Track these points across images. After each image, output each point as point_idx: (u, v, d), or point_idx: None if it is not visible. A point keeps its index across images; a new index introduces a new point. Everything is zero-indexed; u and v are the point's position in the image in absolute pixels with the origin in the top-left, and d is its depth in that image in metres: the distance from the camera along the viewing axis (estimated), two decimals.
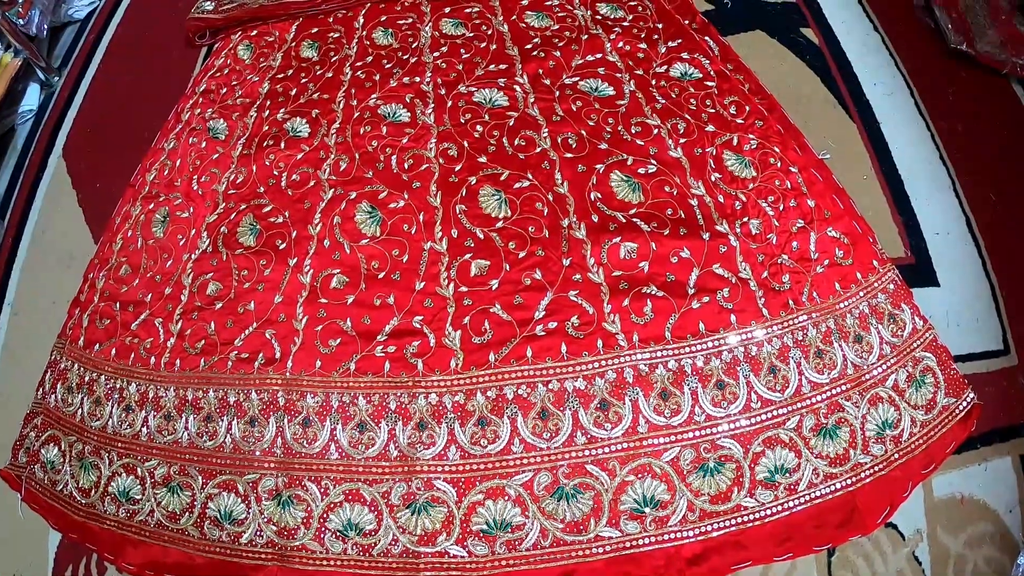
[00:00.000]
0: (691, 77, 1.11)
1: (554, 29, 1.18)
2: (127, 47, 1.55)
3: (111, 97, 1.45)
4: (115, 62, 1.52)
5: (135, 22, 1.60)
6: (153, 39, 1.53)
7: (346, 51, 1.21)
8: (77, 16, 1.65)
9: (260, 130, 1.14)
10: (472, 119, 1.07)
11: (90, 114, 1.43)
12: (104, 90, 1.47)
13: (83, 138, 1.39)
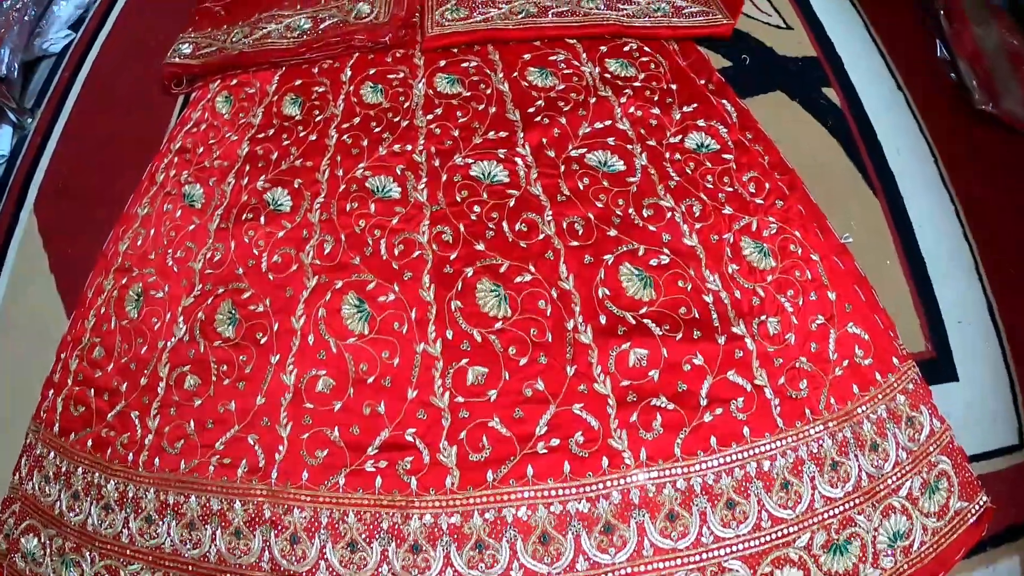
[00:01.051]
0: (708, 149, 0.95)
1: (559, 89, 1.00)
2: (104, 86, 1.34)
3: (85, 143, 1.25)
4: (91, 103, 1.31)
5: (113, 57, 1.38)
6: (132, 77, 1.31)
7: (331, 110, 1.02)
8: (52, 50, 1.43)
9: (239, 200, 0.97)
10: (469, 197, 0.90)
11: (63, 162, 1.23)
12: (78, 134, 1.27)
13: (55, 191, 1.20)
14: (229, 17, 1.22)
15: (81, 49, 1.42)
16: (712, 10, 1.11)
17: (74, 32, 1.46)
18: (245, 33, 1.15)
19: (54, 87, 1.35)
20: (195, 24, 1.23)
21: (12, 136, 1.32)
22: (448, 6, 1.11)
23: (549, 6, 1.09)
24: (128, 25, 1.45)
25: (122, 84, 1.33)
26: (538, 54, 1.04)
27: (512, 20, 1.07)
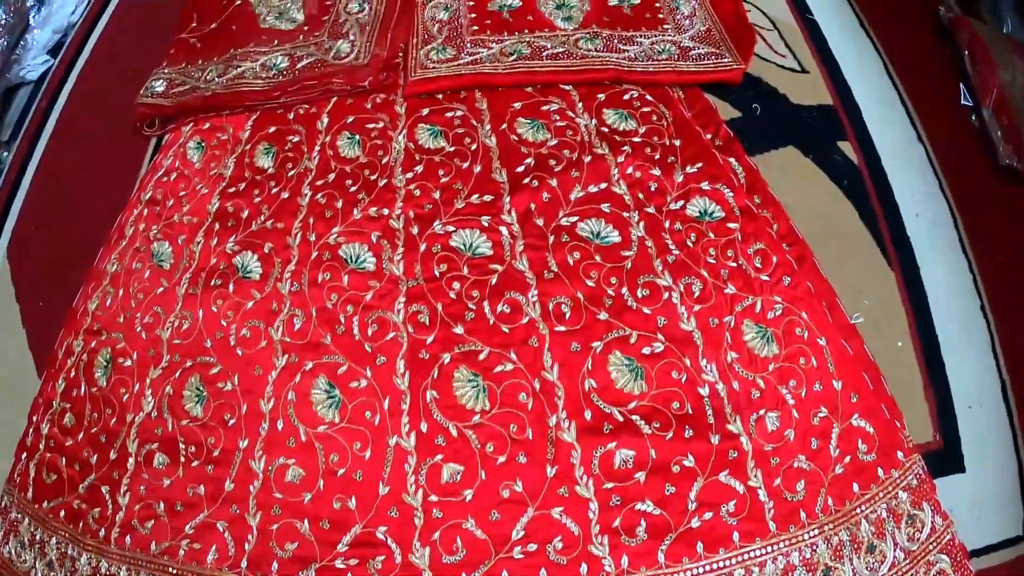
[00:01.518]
0: (712, 217, 0.83)
1: (551, 145, 0.88)
2: (81, 118, 1.21)
3: (60, 183, 1.14)
4: (67, 136, 1.20)
5: (91, 86, 1.25)
6: (110, 108, 1.18)
7: (305, 163, 0.91)
8: (30, 77, 1.31)
9: (207, 263, 0.88)
10: (448, 272, 0.80)
11: (37, 203, 1.13)
12: (54, 172, 1.16)
13: (29, 234, 1.10)
14: (205, 50, 1.09)
15: (59, 77, 1.29)
16: (722, 51, 0.97)
17: (53, 58, 1.34)
18: (219, 71, 1.03)
19: (30, 118, 1.24)
20: (170, 58, 1.11)
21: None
22: (434, 45, 0.98)
23: (544, 47, 0.96)
24: (109, 50, 1.32)
25: (100, 116, 1.20)
26: (530, 103, 0.91)
27: (503, 63, 0.95)
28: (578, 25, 1.00)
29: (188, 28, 1.14)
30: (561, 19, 1.01)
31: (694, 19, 1.02)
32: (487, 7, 1.04)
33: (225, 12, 1.15)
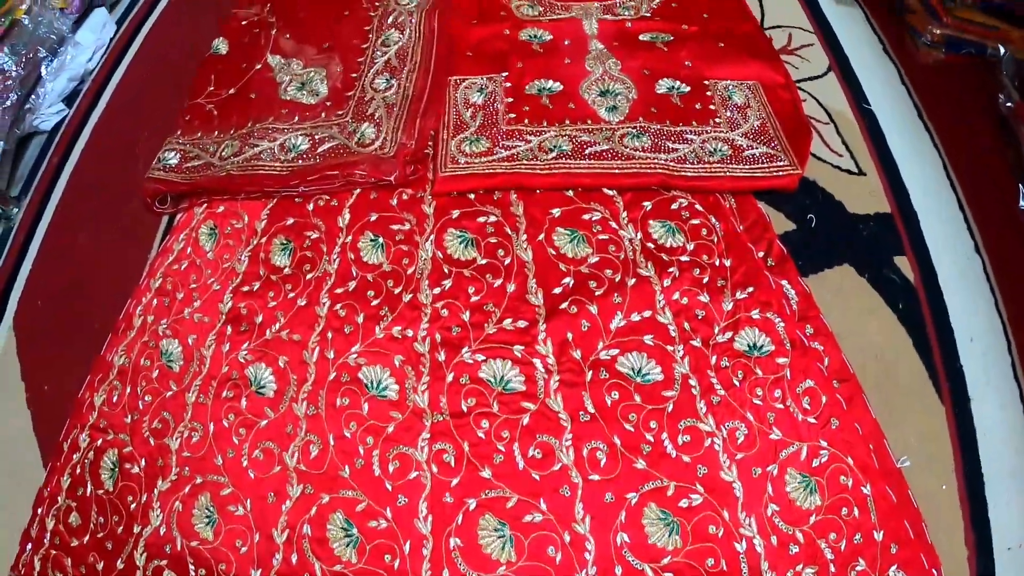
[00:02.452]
0: (761, 352, 0.72)
1: (592, 263, 0.76)
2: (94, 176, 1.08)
3: (71, 248, 1.02)
4: (78, 195, 1.07)
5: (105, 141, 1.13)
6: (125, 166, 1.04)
7: (324, 266, 0.80)
8: (43, 127, 1.18)
9: (219, 370, 0.78)
10: (477, 407, 0.70)
11: (46, 270, 1.01)
12: (64, 234, 1.04)
13: (36, 309, 0.97)
14: (222, 119, 0.97)
15: (73, 128, 1.16)
16: (778, 152, 0.84)
17: (68, 107, 1.20)
18: (235, 148, 0.91)
19: (42, 173, 1.12)
20: (184, 125, 0.99)
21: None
22: (466, 135, 0.86)
23: (587, 142, 0.84)
24: (125, 102, 1.19)
25: (114, 174, 1.07)
26: (570, 210, 0.79)
27: (541, 160, 0.82)
28: (624, 116, 0.87)
29: (205, 92, 1.02)
30: (605, 109, 0.88)
31: (748, 111, 0.89)
32: (525, 90, 0.91)
33: (244, 77, 1.02)
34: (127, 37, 1.34)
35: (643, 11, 1.01)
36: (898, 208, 0.88)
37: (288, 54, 1.06)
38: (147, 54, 1.27)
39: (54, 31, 1.20)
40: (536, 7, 1.05)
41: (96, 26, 1.28)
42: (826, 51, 1.03)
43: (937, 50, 1.04)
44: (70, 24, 1.25)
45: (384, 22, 1.04)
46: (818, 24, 1.07)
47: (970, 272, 0.87)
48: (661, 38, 0.97)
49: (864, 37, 1.07)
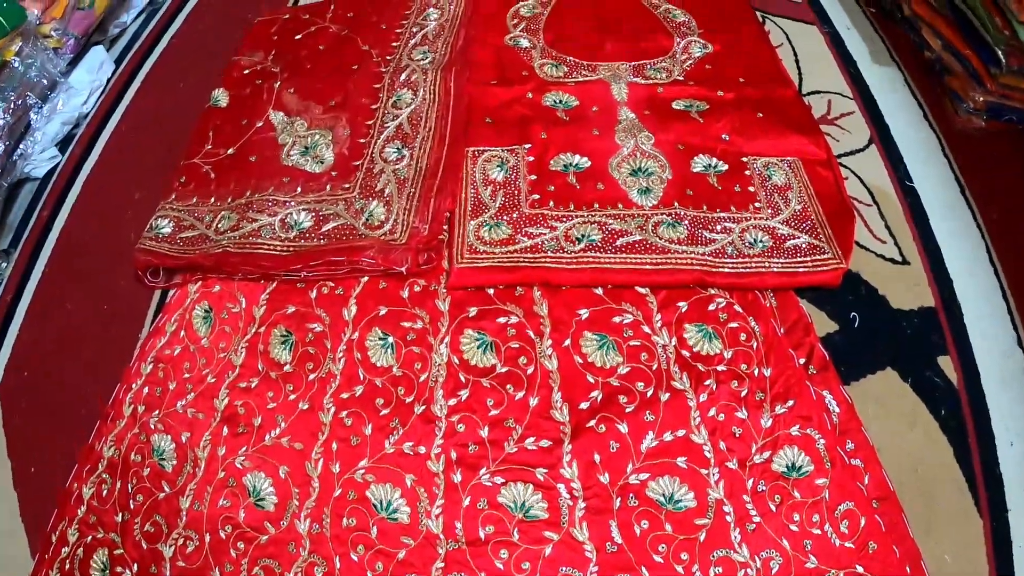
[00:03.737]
0: (800, 473, 0.62)
1: (623, 374, 0.65)
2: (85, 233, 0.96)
3: (60, 313, 0.89)
4: (69, 254, 0.95)
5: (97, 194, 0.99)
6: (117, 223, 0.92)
7: (329, 365, 0.68)
8: (35, 174, 1.04)
9: (214, 476, 0.66)
10: (495, 535, 0.60)
11: (33, 336, 0.88)
12: (53, 298, 0.91)
13: (22, 376, 0.85)
14: (219, 183, 0.84)
15: (64, 179, 1.03)
16: (822, 242, 0.72)
17: (61, 153, 1.07)
18: (232, 221, 0.78)
19: (32, 226, 0.98)
20: (180, 188, 0.86)
21: None
22: (485, 218, 0.73)
23: (618, 231, 0.72)
24: (119, 152, 1.05)
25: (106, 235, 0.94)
26: (599, 311, 0.68)
27: (568, 252, 0.70)
28: (658, 200, 0.75)
29: (202, 151, 0.89)
30: (637, 191, 0.76)
31: (788, 193, 0.77)
32: (549, 165, 0.79)
33: (244, 135, 0.89)
34: (126, 77, 1.19)
35: (676, 74, 0.90)
36: (941, 300, 0.78)
37: (292, 111, 0.92)
38: (145, 99, 1.12)
39: (46, 74, 1.05)
40: (561, 67, 0.93)
41: (93, 66, 1.13)
42: (867, 120, 0.92)
43: (979, 117, 0.92)
44: (64, 65, 1.10)
45: (396, 80, 0.91)
46: (857, 88, 0.96)
47: (1012, 368, 0.76)
48: (696, 107, 0.85)
49: (904, 102, 0.96)
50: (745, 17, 1.00)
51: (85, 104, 1.11)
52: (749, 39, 0.96)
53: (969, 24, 0.90)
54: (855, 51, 1.04)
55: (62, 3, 1.07)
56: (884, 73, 1.02)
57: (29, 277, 0.95)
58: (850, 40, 1.06)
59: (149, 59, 1.21)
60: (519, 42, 0.99)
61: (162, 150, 1.02)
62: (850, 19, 1.12)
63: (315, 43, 1.03)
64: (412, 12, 1.06)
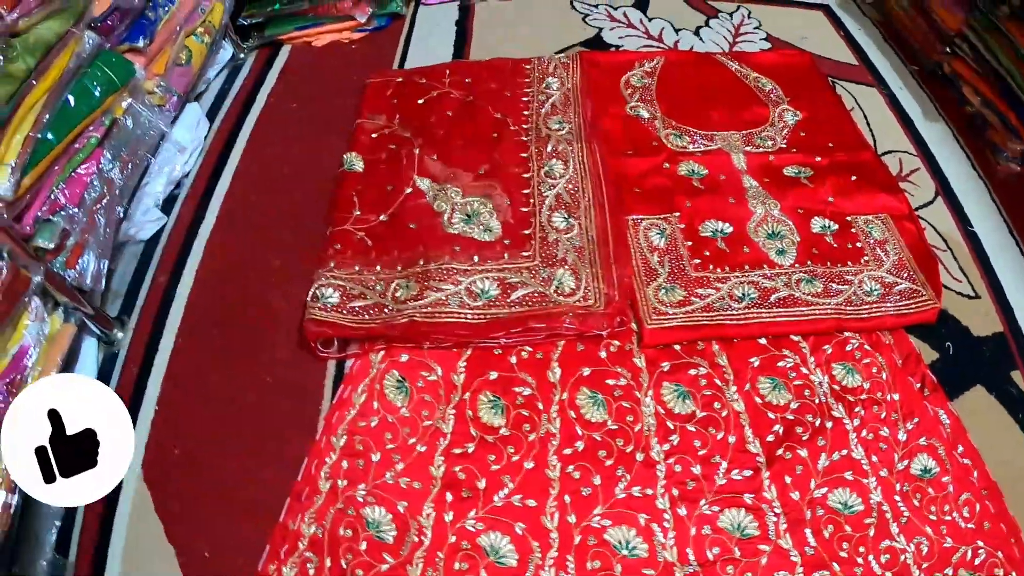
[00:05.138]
0: (930, 474, 0.83)
1: (794, 409, 0.83)
2: (215, 301, 0.97)
3: (205, 384, 0.90)
4: (201, 323, 0.95)
5: (221, 261, 1.01)
6: (251, 289, 0.96)
7: (546, 426, 0.79)
8: (141, 236, 1.05)
9: (445, 541, 0.73)
10: (721, 555, 0.74)
11: (175, 412, 0.88)
12: (191, 368, 0.92)
13: (171, 454, 0.85)
14: (379, 250, 0.92)
15: (180, 240, 1.04)
16: (918, 286, 0.95)
17: (166, 215, 1.09)
18: (413, 291, 0.86)
19: (148, 293, 0.99)
20: (336, 255, 0.92)
21: (98, 352, 0.93)
22: (660, 282, 0.89)
23: (769, 288, 0.90)
24: (238, 212, 1.08)
25: (244, 302, 0.97)
26: (766, 358, 0.85)
27: (734, 309, 0.87)
28: (793, 260, 0.94)
29: (351, 217, 0.96)
30: (775, 252, 0.95)
31: (887, 246, 0.99)
32: (699, 231, 0.96)
33: (394, 202, 0.98)
34: (225, 136, 1.22)
35: (779, 142, 1.11)
36: (1008, 326, 1.02)
37: (439, 178, 1.01)
38: (254, 159, 1.17)
39: (153, 131, 1.05)
40: (683, 136, 1.11)
41: (191, 124, 1.16)
42: (930, 174, 1.16)
43: (1016, 164, 1.18)
44: (168, 123, 1.11)
45: (543, 150, 1.04)
46: (917, 145, 1.21)
47: None
48: (803, 173, 1.06)
49: (955, 155, 1.22)
50: (820, 85, 1.24)
51: (186, 163, 1.14)
52: (829, 106, 1.19)
53: (1006, 84, 1.14)
54: (910, 110, 1.31)
55: (163, 59, 1.10)
56: (936, 129, 1.28)
57: (156, 349, 0.95)
58: (904, 100, 1.33)
59: (248, 118, 1.26)
60: (639, 112, 1.15)
61: (286, 213, 1.08)
62: (900, 79, 1.39)
63: (441, 108, 1.14)
64: (532, 80, 1.21)
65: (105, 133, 0.98)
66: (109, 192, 0.96)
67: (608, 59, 1.27)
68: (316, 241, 1.01)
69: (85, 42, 0.94)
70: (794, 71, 1.25)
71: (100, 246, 0.93)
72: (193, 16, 1.22)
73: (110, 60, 0.99)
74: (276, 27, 1.38)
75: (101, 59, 0.97)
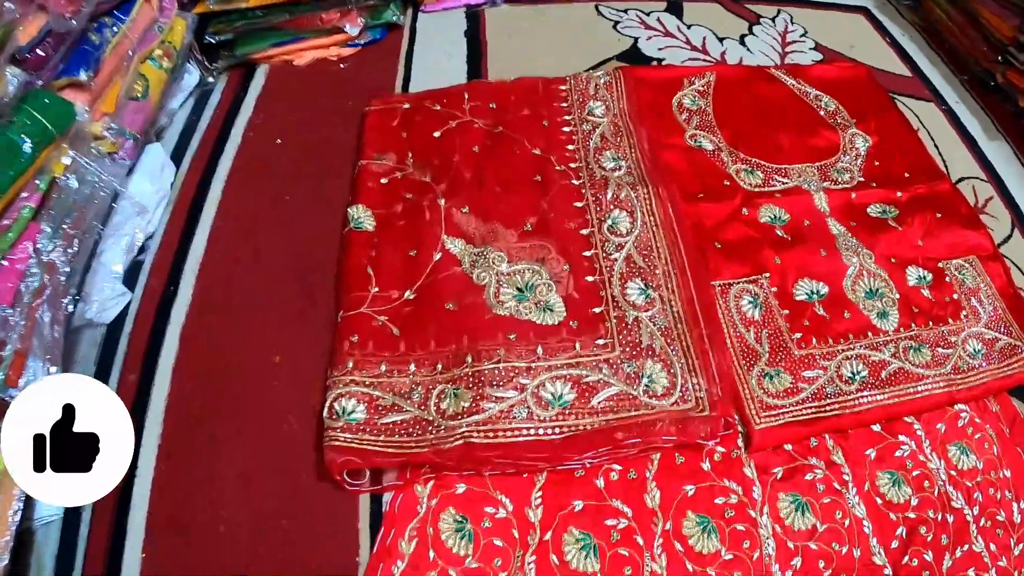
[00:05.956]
0: None
1: (915, 505, 0.70)
2: (207, 408, 0.74)
3: (191, 539, 0.66)
4: (197, 433, 0.72)
5: (208, 361, 0.77)
6: (265, 396, 0.73)
7: (650, 565, 0.63)
8: (102, 319, 0.80)
9: None
10: None
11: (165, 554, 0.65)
12: (180, 495, 0.69)
13: None
14: (410, 343, 0.71)
15: (148, 326, 0.80)
16: (1017, 341, 0.83)
17: (130, 290, 0.83)
18: (466, 402, 0.66)
19: (116, 389, 0.70)
20: (354, 351, 0.70)
21: None
22: (761, 366, 0.73)
23: (879, 362, 0.76)
24: (220, 287, 0.83)
25: (244, 409, 0.74)
26: (883, 448, 0.72)
27: (846, 391, 0.72)
28: (897, 323, 0.80)
29: (367, 296, 0.74)
30: (877, 315, 0.80)
31: (980, 295, 0.86)
32: (794, 295, 0.80)
33: (422, 275, 0.76)
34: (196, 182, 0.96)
35: (856, 175, 0.96)
36: None
37: (474, 238, 0.80)
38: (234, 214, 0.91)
39: (104, 187, 0.79)
40: (756, 172, 0.95)
41: (153, 171, 0.90)
42: (1004, 204, 1.03)
43: None
44: (123, 174, 0.86)
45: (602, 197, 0.85)
46: (985, 168, 1.07)
47: None
48: (888, 212, 0.92)
49: (1021, 175, 1.08)
50: (884, 103, 1.09)
51: (150, 223, 0.88)
52: (897, 127, 1.05)
53: None
54: (971, 127, 1.16)
55: (113, 94, 0.83)
56: (999, 149, 1.15)
57: (134, 474, 0.71)
58: (963, 115, 1.19)
59: (222, 157, 1.00)
60: (701, 143, 0.97)
61: (281, 287, 0.84)
62: (954, 91, 1.25)
63: (465, 144, 0.92)
64: (570, 104, 1.00)
65: (41, 201, 0.74)
66: (52, 280, 0.71)
67: (655, 75, 1.07)
68: (325, 327, 0.78)
69: (7, 83, 0.69)
70: (854, 87, 1.10)
71: (47, 350, 0.69)
72: (148, 36, 0.95)
73: (43, 102, 0.74)
74: (249, 44, 1.11)
75: (30, 102, 0.73)
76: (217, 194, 0.95)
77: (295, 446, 0.71)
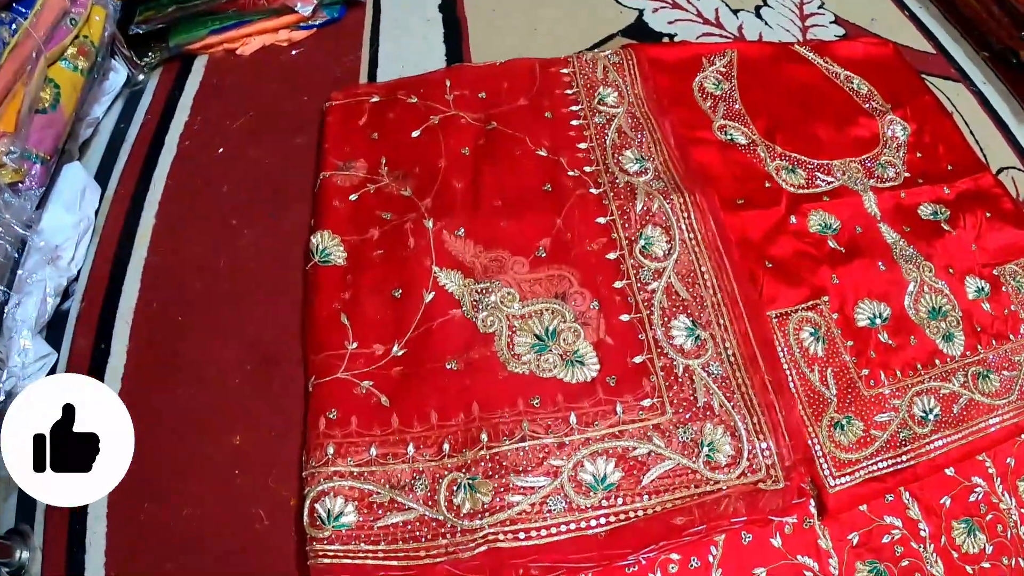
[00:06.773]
0: None
1: (990, 554, 0.61)
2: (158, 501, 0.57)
3: None
4: (133, 542, 0.57)
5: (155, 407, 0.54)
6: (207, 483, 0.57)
7: None
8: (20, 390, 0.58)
9: None
10: None
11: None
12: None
13: None
14: (405, 418, 0.56)
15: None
16: None
17: (55, 350, 0.65)
18: (486, 496, 0.52)
19: None
20: (332, 427, 0.55)
21: None
22: (830, 414, 0.60)
23: (950, 395, 0.65)
24: (160, 341, 0.65)
25: (201, 500, 0.58)
26: (957, 494, 0.62)
27: (921, 434, 0.62)
28: (963, 347, 0.69)
29: (343, 355, 0.58)
30: (942, 338, 0.69)
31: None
32: (856, 322, 0.67)
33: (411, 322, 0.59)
34: (125, 208, 0.76)
35: (901, 169, 0.84)
36: None
37: (475, 271, 0.62)
38: (171, 248, 0.72)
39: (4, 235, 0.61)
40: (798, 171, 0.80)
41: (71, 199, 0.70)
42: None
43: None
44: (32, 208, 0.65)
45: (630, 210, 0.67)
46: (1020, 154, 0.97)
47: None
48: (940, 214, 0.80)
49: None
50: (917, 86, 0.97)
51: (72, 261, 0.68)
52: (933, 113, 0.93)
53: None
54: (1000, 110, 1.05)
55: (12, 108, 0.62)
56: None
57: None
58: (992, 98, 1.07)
59: (156, 172, 0.79)
60: (733, 136, 0.82)
61: (240, 344, 0.66)
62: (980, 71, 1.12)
63: (451, 145, 0.73)
64: (577, 92, 0.82)
65: None
66: None
67: (671, 55, 0.90)
68: (294, 395, 0.62)
69: None
70: (884, 67, 0.97)
71: None
72: (58, 32, 0.72)
73: None
74: (184, 33, 0.88)
75: None
76: (150, 221, 0.75)
77: (265, 555, 0.54)
